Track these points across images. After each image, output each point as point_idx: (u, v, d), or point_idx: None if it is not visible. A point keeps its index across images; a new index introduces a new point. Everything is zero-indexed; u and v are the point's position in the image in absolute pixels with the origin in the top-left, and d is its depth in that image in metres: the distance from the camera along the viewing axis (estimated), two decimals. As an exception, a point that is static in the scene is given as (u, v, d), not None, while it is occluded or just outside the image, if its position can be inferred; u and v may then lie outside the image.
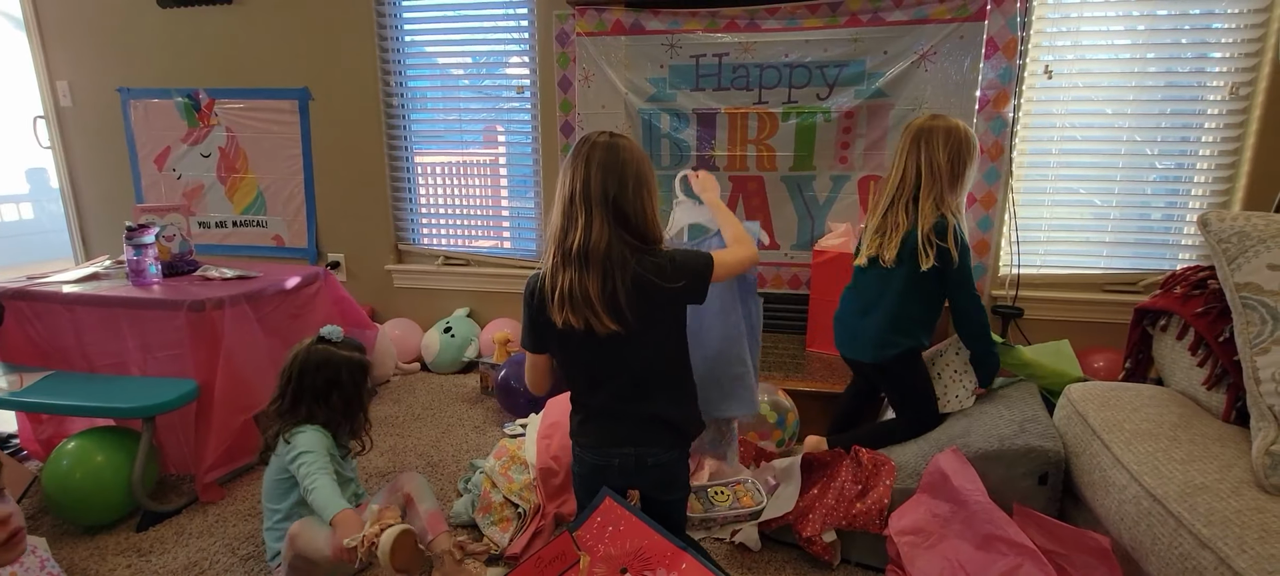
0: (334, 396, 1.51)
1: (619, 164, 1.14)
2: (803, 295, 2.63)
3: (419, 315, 3.12)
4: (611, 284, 1.12)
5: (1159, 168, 2.45)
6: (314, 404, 1.49)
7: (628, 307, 1.12)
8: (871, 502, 1.53)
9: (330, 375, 1.50)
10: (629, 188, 1.14)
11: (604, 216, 1.12)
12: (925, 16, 2.30)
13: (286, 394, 1.49)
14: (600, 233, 1.12)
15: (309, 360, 1.49)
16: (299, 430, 1.45)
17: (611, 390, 1.22)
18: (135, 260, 2.06)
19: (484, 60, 2.94)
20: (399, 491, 1.53)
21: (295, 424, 1.47)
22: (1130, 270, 2.50)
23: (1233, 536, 1.02)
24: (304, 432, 1.45)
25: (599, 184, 1.12)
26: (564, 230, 1.14)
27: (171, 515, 1.79)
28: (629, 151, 1.16)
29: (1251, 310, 1.24)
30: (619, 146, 1.15)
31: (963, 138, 1.64)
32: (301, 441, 1.43)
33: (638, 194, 1.15)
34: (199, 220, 3.25)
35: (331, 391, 1.50)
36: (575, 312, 1.13)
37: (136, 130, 3.25)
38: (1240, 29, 2.25)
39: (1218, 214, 1.35)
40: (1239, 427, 1.31)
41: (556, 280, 1.14)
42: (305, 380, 1.48)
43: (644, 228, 1.16)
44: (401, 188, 3.12)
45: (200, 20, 3.04)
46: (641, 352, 1.19)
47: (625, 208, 1.14)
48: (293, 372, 1.49)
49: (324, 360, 1.50)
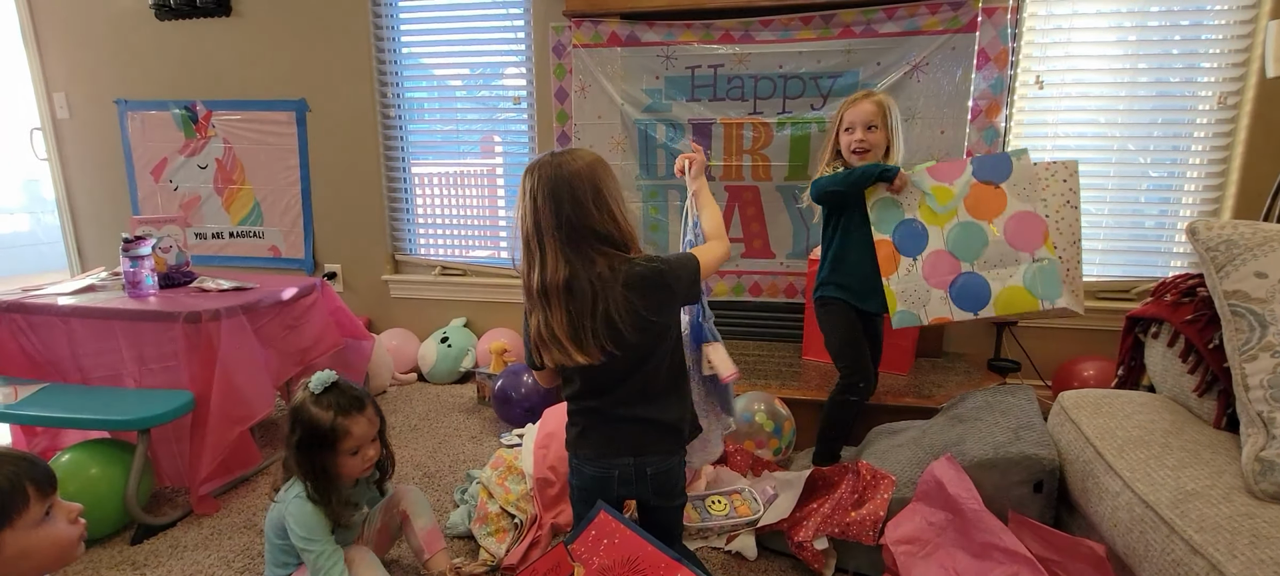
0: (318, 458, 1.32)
1: (567, 183, 1.09)
2: (798, 304, 2.64)
3: (416, 325, 3.12)
4: (602, 306, 1.10)
5: (1151, 176, 2.47)
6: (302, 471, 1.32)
7: (623, 325, 1.11)
8: (866, 513, 1.54)
9: (311, 439, 1.31)
10: (587, 203, 1.09)
11: (559, 246, 1.09)
12: (917, 28, 2.32)
13: (290, 442, 1.32)
14: (555, 266, 1.09)
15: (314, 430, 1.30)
16: (299, 500, 1.31)
17: (610, 400, 1.22)
18: (132, 272, 2.06)
19: (481, 71, 2.96)
20: (395, 507, 1.50)
21: (291, 474, 1.35)
22: (1122, 277, 2.52)
23: (1224, 542, 1.03)
24: (298, 505, 1.30)
25: (550, 213, 1.08)
26: (527, 269, 1.12)
27: (166, 528, 1.79)
28: (574, 164, 1.11)
29: (1240, 317, 1.25)
30: (562, 164, 1.10)
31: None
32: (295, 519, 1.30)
33: (599, 205, 1.10)
34: (196, 231, 3.25)
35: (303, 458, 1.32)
36: (547, 352, 1.13)
37: (133, 142, 3.25)
38: (1227, 39, 2.29)
39: (1206, 222, 1.36)
40: (1229, 434, 1.32)
41: (529, 320, 1.15)
42: (289, 439, 1.32)
43: (618, 235, 1.13)
44: (398, 198, 3.13)
45: (198, 32, 3.06)
46: (639, 363, 1.19)
47: (592, 224, 1.10)
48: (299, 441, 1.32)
49: (294, 417, 1.32)
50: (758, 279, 2.71)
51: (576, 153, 1.15)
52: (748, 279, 2.71)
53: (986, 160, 1.77)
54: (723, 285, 2.72)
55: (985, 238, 1.73)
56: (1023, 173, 1.73)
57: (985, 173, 1.75)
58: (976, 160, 1.78)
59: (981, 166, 1.76)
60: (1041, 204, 1.73)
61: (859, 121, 1.77)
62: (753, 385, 2.23)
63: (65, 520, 0.96)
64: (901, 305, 1.76)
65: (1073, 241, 1.73)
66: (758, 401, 2.02)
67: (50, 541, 0.93)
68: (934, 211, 1.75)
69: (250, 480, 2.04)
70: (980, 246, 1.73)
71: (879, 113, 1.76)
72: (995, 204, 1.74)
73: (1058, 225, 1.74)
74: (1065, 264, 1.72)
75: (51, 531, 0.94)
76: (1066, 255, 1.72)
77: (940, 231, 1.75)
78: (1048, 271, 1.70)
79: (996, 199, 1.74)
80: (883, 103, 1.77)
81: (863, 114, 1.77)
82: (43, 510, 0.93)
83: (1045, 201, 1.74)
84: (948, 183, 1.76)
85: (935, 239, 1.75)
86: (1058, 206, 1.74)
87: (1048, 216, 1.72)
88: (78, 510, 0.98)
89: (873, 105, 1.77)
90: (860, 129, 1.77)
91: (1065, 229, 1.73)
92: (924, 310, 1.76)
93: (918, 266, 1.76)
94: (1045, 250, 1.70)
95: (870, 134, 1.77)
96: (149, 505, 1.85)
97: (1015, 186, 1.73)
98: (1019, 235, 1.72)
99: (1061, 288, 1.69)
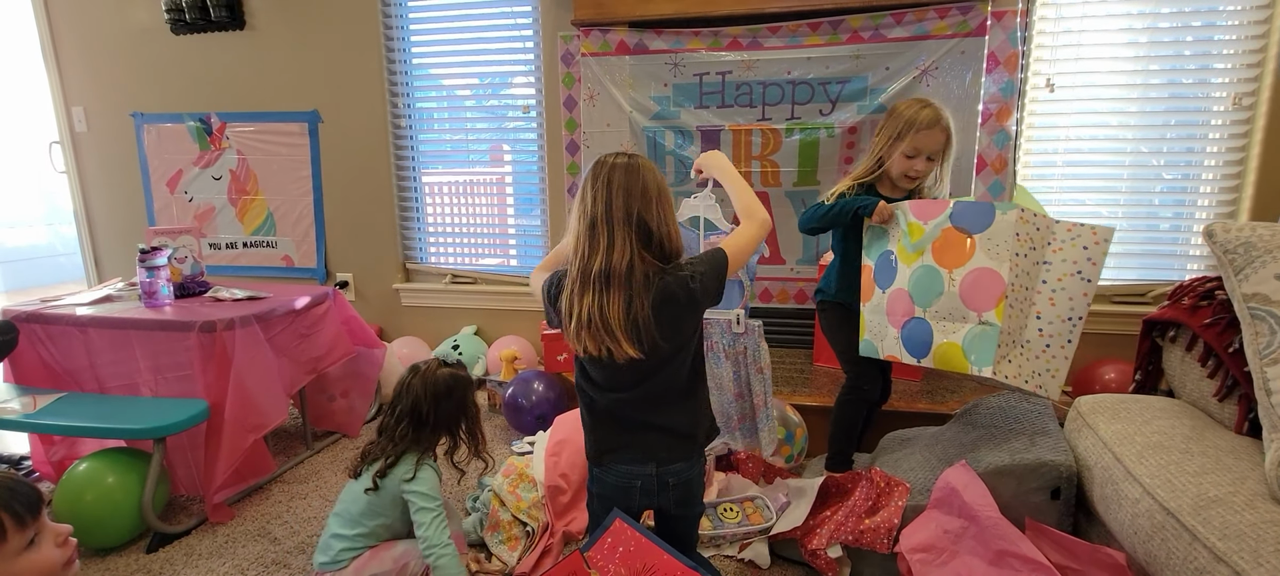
0: (463, 418, 1.53)
1: (640, 183, 1.15)
2: (809, 310, 2.63)
3: (426, 333, 3.13)
4: (636, 305, 1.12)
5: (1165, 178, 2.44)
6: (446, 429, 1.52)
7: (648, 328, 1.13)
8: (881, 521, 1.52)
9: (461, 398, 1.52)
10: (652, 205, 1.15)
11: (628, 237, 1.14)
12: (926, 33, 2.32)
13: (427, 420, 1.47)
14: (622, 253, 1.13)
15: (440, 385, 1.49)
16: (424, 466, 1.46)
17: (631, 406, 1.22)
18: (148, 282, 2.08)
19: (490, 81, 2.98)
20: None
21: (425, 449, 1.48)
22: (1138, 281, 2.49)
23: (1248, 550, 1.01)
24: (427, 471, 1.45)
25: (622, 205, 1.14)
26: (588, 253, 1.15)
27: (181, 536, 1.80)
28: (648, 170, 1.18)
29: (1260, 320, 1.23)
30: (638, 166, 1.18)
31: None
32: (425, 483, 1.43)
33: (661, 210, 1.17)
34: (210, 242, 3.29)
35: (461, 414, 1.53)
36: (593, 339, 1.13)
37: (149, 154, 3.30)
38: (1242, 39, 2.26)
39: (1223, 225, 1.34)
40: (1252, 439, 1.30)
41: (576, 305, 1.15)
42: (442, 406, 1.48)
43: (666, 244, 1.18)
44: (409, 207, 3.15)
45: (212, 46, 3.10)
46: (662, 369, 1.20)
47: (650, 224, 1.15)
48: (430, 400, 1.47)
49: (453, 383, 1.51)
50: (768, 285, 2.70)
51: (646, 160, 1.21)
52: (758, 285, 2.70)
53: (969, 207, 1.57)
54: (733, 291, 2.71)
55: (941, 286, 1.58)
56: (1003, 228, 1.50)
57: (962, 219, 1.56)
58: (958, 204, 1.58)
59: (961, 212, 1.57)
60: (1018, 261, 1.51)
61: (926, 150, 1.66)
62: (764, 392, 2.22)
63: (52, 544, 0.93)
64: (867, 334, 1.73)
65: (1068, 317, 1.52)
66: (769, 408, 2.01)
67: (34, 569, 0.91)
68: (905, 249, 1.65)
69: (264, 488, 2.05)
70: (934, 295, 1.59)
71: (949, 145, 1.68)
72: (961, 254, 1.56)
73: (1054, 293, 1.53)
74: (1045, 338, 1.53)
75: (35, 559, 0.91)
76: (1053, 331, 1.53)
77: (907, 270, 1.64)
78: (987, 336, 1.51)
79: (963, 249, 1.55)
80: (951, 130, 1.67)
81: (933, 142, 1.65)
82: (25, 539, 0.90)
83: (1048, 265, 1.55)
84: (922, 221, 1.62)
85: (902, 276, 1.65)
86: (1063, 273, 1.53)
87: (1015, 281, 1.50)
88: (66, 532, 0.96)
89: (944, 135, 1.66)
90: (923, 159, 1.67)
91: (1061, 301, 1.53)
92: (882, 344, 1.69)
93: (884, 300, 1.69)
94: (993, 314, 1.50)
95: (930, 165, 1.69)
96: (164, 513, 1.87)
97: (988, 240, 1.52)
98: (973, 292, 1.53)
99: (993, 356, 1.49)
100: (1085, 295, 1.51)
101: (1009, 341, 1.52)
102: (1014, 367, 1.53)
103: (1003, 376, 1.50)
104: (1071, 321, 1.53)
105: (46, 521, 0.94)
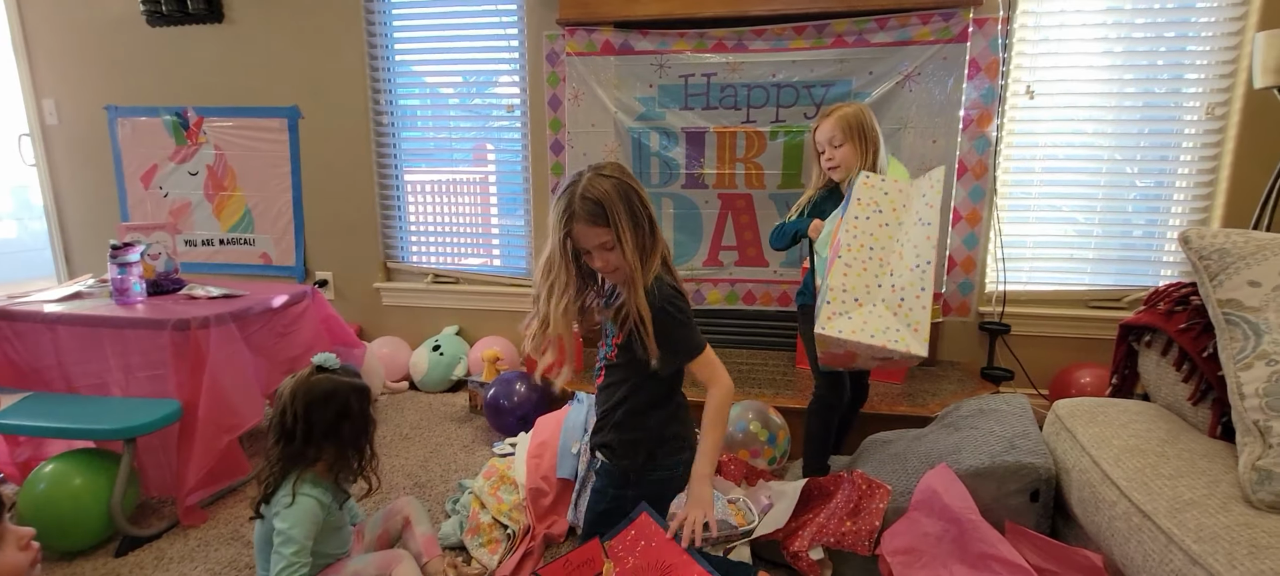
0: (344, 429, 1.39)
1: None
2: (791, 312, 2.63)
3: (407, 333, 3.10)
4: None
5: (1139, 186, 2.49)
6: (323, 441, 1.37)
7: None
8: (862, 524, 1.53)
9: (339, 406, 1.38)
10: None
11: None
12: (909, 38, 2.34)
13: (295, 434, 1.34)
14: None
15: (314, 393, 1.36)
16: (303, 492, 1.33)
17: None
18: (120, 279, 2.03)
19: (474, 79, 2.95)
20: (398, 514, 1.55)
21: (306, 466, 1.37)
22: (1114, 287, 2.53)
23: (1223, 552, 1.02)
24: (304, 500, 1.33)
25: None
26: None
27: (151, 539, 1.75)
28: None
29: (1234, 326, 1.25)
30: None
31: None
32: (293, 515, 1.30)
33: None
34: (185, 238, 3.22)
35: (341, 424, 1.38)
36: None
37: (123, 148, 3.22)
38: (1215, 51, 2.31)
39: (1198, 231, 1.37)
40: (1225, 443, 1.32)
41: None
42: (314, 415, 1.35)
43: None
44: (391, 206, 3.11)
45: (190, 39, 3.04)
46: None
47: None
48: (298, 409, 1.34)
49: (331, 390, 1.38)
50: (751, 287, 2.70)
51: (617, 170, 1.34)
52: (741, 287, 2.70)
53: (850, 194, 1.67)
54: (716, 293, 2.72)
55: (823, 271, 1.64)
56: (850, 196, 1.61)
57: (842, 209, 1.66)
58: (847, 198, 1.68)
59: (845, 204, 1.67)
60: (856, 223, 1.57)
61: (823, 141, 1.77)
62: (746, 394, 2.22)
63: (15, 547, 0.91)
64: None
65: (914, 265, 1.51)
66: (751, 411, 2.01)
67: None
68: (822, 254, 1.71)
69: (238, 490, 2.01)
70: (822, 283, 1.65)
71: (839, 128, 1.74)
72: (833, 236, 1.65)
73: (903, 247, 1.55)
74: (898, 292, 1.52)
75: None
76: (904, 282, 1.52)
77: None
78: (821, 296, 1.58)
79: (836, 232, 1.64)
80: (844, 116, 1.74)
81: (824, 133, 1.76)
82: None
83: (902, 225, 1.57)
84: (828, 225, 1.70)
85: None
86: (910, 225, 1.56)
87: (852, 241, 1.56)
88: (29, 535, 0.94)
89: (830, 123, 1.75)
90: (827, 148, 1.77)
91: (908, 252, 1.53)
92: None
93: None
94: (829, 277, 1.56)
95: (837, 151, 1.75)
96: (134, 516, 1.82)
97: (843, 213, 1.63)
98: (828, 263, 1.61)
99: (822, 313, 1.53)
100: (929, 239, 1.51)
101: (846, 299, 1.53)
102: (855, 324, 1.50)
103: (837, 331, 1.49)
104: (918, 269, 1.51)
105: (8, 525, 0.91)
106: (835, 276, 1.53)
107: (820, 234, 1.71)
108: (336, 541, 1.45)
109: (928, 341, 1.47)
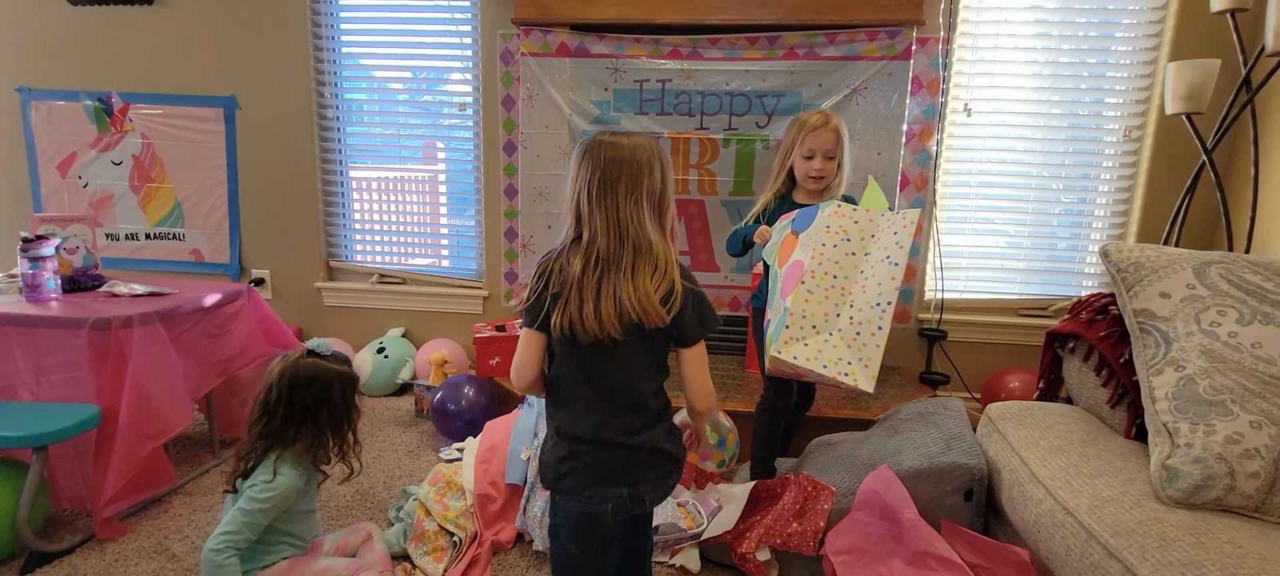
0: (324, 414, 1.42)
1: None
2: (741, 317, 2.68)
3: (351, 335, 2.99)
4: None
5: (1064, 201, 2.65)
6: (302, 423, 1.40)
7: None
8: (807, 525, 1.56)
9: (321, 391, 1.40)
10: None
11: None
12: (856, 54, 2.42)
13: (276, 413, 1.37)
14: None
15: (299, 375, 1.39)
16: (283, 469, 1.35)
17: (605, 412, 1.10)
18: (31, 274, 1.89)
19: (424, 75, 2.89)
20: (360, 531, 1.58)
21: (285, 445, 1.38)
22: (1041, 296, 2.68)
23: (1136, 546, 1.10)
24: (285, 476, 1.35)
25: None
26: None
27: (63, 555, 1.63)
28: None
29: (1147, 334, 1.35)
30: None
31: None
32: (270, 487, 1.32)
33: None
34: (107, 232, 3.02)
35: (321, 409, 1.41)
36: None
37: (37, 133, 3.00)
38: (1132, 78, 2.49)
39: (1116, 245, 1.46)
40: (1139, 443, 1.42)
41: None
42: (295, 397, 1.38)
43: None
44: (334, 203, 3.00)
45: (116, 19, 2.86)
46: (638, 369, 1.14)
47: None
48: (282, 389, 1.37)
49: (315, 374, 1.40)
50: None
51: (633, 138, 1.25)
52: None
53: (805, 213, 1.63)
54: (668, 298, 2.73)
55: (776, 285, 1.62)
56: (818, 222, 1.57)
57: (796, 224, 1.64)
58: (799, 212, 1.66)
59: (798, 218, 1.64)
60: (824, 250, 1.54)
61: (820, 150, 1.72)
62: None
63: None
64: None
65: (876, 303, 1.48)
66: (702, 414, 2.03)
67: None
68: (771, 260, 1.69)
69: (162, 500, 1.90)
70: (773, 294, 1.64)
71: (839, 142, 1.73)
72: (788, 253, 1.62)
73: (866, 280, 1.51)
74: (856, 325, 1.49)
75: None
76: (863, 317, 1.49)
77: (772, 276, 1.68)
78: (779, 319, 1.54)
79: (791, 248, 1.61)
80: (841, 130, 1.74)
81: (825, 143, 1.72)
82: None
83: (867, 255, 1.54)
84: (775, 234, 1.69)
85: (772, 284, 1.68)
86: (877, 260, 1.52)
87: (817, 267, 1.52)
88: None
89: (834, 134, 1.72)
90: (821, 158, 1.73)
91: (871, 287, 1.50)
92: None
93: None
94: (789, 301, 1.52)
95: (829, 164, 1.74)
96: (43, 530, 1.70)
97: (807, 236, 1.58)
98: (785, 282, 1.58)
99: (778, 337, 1.51)
100: (893, 279, 1.48)
101: (805, 325, 1.51)
102: (810, 351, 1.49)
103: (792, 357, 1.47)
104: (879, 307, 1.48)
105: None
106: (796, 300, 1.51)
107: (768, 242, 1.71)
108: (307, 525, 1.46)
109: (876, 378, 1.45)
